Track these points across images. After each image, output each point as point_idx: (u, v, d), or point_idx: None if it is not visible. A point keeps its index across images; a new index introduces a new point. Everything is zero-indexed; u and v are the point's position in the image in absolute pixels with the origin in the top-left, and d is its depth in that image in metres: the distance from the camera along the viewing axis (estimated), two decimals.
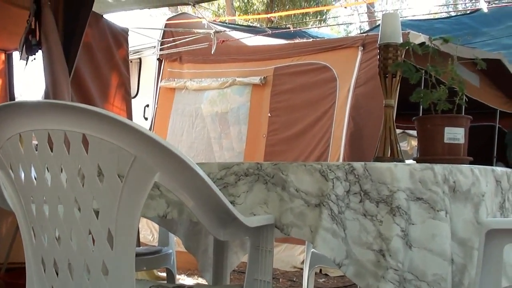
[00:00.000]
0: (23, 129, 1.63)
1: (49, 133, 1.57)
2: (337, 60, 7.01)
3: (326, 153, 6.74)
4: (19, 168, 1.72)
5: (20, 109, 1.61)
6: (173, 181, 1.53)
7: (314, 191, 1.90)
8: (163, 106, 8.47)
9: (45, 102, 1.56)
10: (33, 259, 1.75)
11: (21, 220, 1.78)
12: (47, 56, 4.41)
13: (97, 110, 1.45)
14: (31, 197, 1.72)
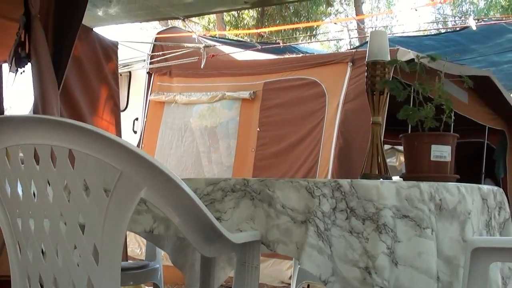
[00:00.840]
0: (9, 144, 1.63)
1: (35, 148, 1.57)
2: (326, 75, 7.02)
3: (315, 168, 6.74)
4: (5, 182, 1.71)
5: (7, 123, 1.61)
6: (159, 197, 1.53)
7: (301, 207, 1.90)
8: (153, 119, 8.46)
9: (32, 117, 1.56)
10: (18, 273, 1.75)
11: (6, 234, 1.78)
12: (37, 68, 4.41)
13: (83, 126, 1.45)
14: (17, 211, 1.72)
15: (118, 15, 6.60)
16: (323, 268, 1.87)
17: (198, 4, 6.20)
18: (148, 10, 6.42)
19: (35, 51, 4.43)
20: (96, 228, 1.51)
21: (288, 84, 7.25)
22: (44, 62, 4.45)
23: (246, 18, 23.33)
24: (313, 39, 18.54)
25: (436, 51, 6.58)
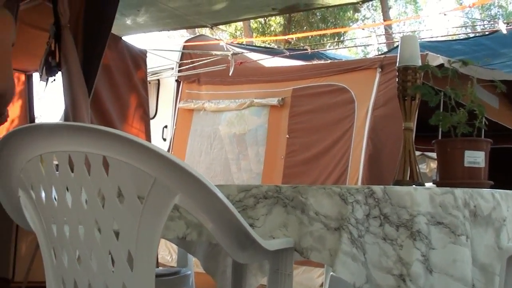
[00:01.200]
0: (44, 151, 1.64)
1: (69, 155, 1.58)
2: (355, 81, 7.00)
3: (344, 175, 6.72)
4: (40, 189, 1.73)
5: (42, 131, 1.62)
6: (193, 203, 1.53)
7: (334, 214, 1.89)
8: (182, 127, 8.50)
9: (66, 125, 1.57)
10: (53, 279, 1.76)
11: (42, 240, 1.79)
12: (67, 77, 4.45)
13: (117, 133, 1.46)
14: (52, 217, 1.73)
15: (146, 23, 6.65)
16: (357, 275, 1.86)
17: (225, 11, 6.22)
18: (176, 19, 6.46)
19: (65, 60, 4.47)
20: (130, 234, 1.52)
21: (317, 91, 7.24)
22: (74, 71, 4.49)
23: (273, 25, 23.36)
24: (341, 45, 18.50)
25: (465, 55, 6.53)
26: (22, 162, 1.72)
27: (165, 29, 7.50)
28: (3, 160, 1.77)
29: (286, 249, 1.89)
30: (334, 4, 5.95)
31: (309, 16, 22.37)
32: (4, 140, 1.71)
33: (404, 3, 30.54)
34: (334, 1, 5.75)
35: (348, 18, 25.18)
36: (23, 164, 1.72)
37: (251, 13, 6.64)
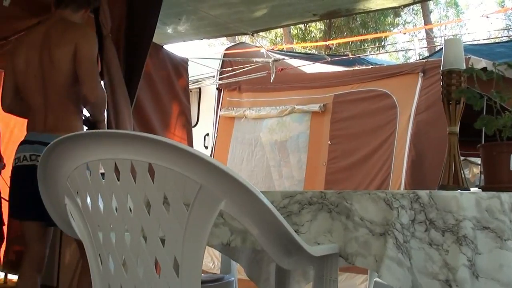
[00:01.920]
0: (90, 159, 1.66)
1: (115, 162, 1.60)
2: (397, 86, 6.96)
3: (387, 181, 6.68)
4: (86, 196, 1.75)
5: (88, 139, 1.64)
6: (239, 209, 1.53)
7: (379, 220, 1.88)
8: (223, 134, 8.53)
9: (112, 132, 1.59)
10: (100, 285, 1.77)
11: (88, 247, 1.81)
12: (109, 86, 4.49)
13: (163, 140, 1.47)
14: (98, 225, 1.75)
15: (187, 32, 6.68)
16: (403, 281, 1.84)
17: (266, 18, 6.23)
18: (217, 27, 6.49)
19: (107, 70, 4.52)
20: (176, 241, 1.52)
21: (359, 96, 7.22)
22: (117, 80, 4.54)
23: (313, 31, 23.34)
24: (382, 50, 18.41)
25: (508, 58, 6.44)
26: (69, 170, 1.74)
27: (205, 37, 7.54)
28: (50, 169, 1.80)
29: (331, 255, 1.89)
30: (375, 8, 5.91)
31: (350, 22, 22.32)
32: (50, 149, 1.74)
33: (445, 6, 30.26)
34: (376, 6, 5.71)
35: (388, 23, 25.05)
36: (70, 172, 1.74)
37: (291, 20, 6.64)
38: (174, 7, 5.74)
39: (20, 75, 3.91)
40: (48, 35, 3.86)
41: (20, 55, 3.91)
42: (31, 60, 3.86)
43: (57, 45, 3.78)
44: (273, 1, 5.66)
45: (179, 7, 5.83)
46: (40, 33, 3.90)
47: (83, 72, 3.74)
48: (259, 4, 5.82)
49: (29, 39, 3.95)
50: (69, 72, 3.77)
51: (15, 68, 3.92)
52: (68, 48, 3.74)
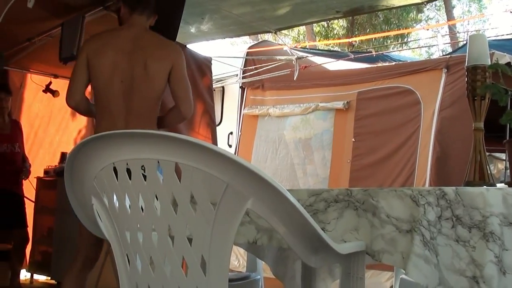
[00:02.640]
0: (116, 159, 1.67)
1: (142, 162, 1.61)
2: (421, 83, 6.93)
3: (411, 177, 6.66)
4: (113, 196, 1.76)
5: (114, 139, 1.65)
6: (265, 208, 1.53)
7: (405, 216, 1.87)
8: (247, 133, 8.54)
9: (139, 132, 1.59)
10: (127, 284, 1.79)
11: (115, 247, 1.82)
12: None
13: (190, 139, 1.47)
14: (125, 224, 1.76)
15: (210, 31, 6.70)
16: (430, 278, 1.84)
17: (289, 16, 6.23)
18: (240, 25, 6.50)
19: None
20: (203, 240, 1.53)
21: (382, 93, 7.20)
22: None
23: (336, 28, 23.29)
24: (404, 47, 18.30)
25: None
26: (95, 171, 1.75)
27: (228, 36, 7.55)
28: (77, 169, 1.81)
29: (357, 253, 1.88)
30: (398, 5, 5.89)
31: (372, 18, 22.22)
32: (77, 149, 1.75)
33: (467, 1, 30.03)
34: (399, 2, 5.69)
35: (411, 19, 24.92)
36: (96, 172, 1.75)
37: (314, 17, 6.63)
38: (197, 7, 5.76)
39: (103, 77, 4.01)
40: (139, 44, 4.07)
41: (107, 57, 4.01)
42: (119, 65, 4.00)
43: (154, 58, 4.03)
44: None
45: (202, 6, 5.84)
46: (128, 39, 4.07)
47: (181, 90, 4.08)
48: (282, 2, 5.82)
49: (117, 43, 4.07)
50: (162, 85, 4.05)
51: (99, 68, 4.01)
52: (166, 64, 4.03)
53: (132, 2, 4.19)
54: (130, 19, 4.19)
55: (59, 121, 8.09)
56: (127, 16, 4.21)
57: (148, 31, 4.23)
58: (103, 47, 4.06)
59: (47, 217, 7.02)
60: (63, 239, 6.41)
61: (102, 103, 4.06)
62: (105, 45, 4.07)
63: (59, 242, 6.57)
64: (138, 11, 4.18)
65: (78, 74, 4.07)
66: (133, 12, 4.17)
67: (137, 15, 4.17)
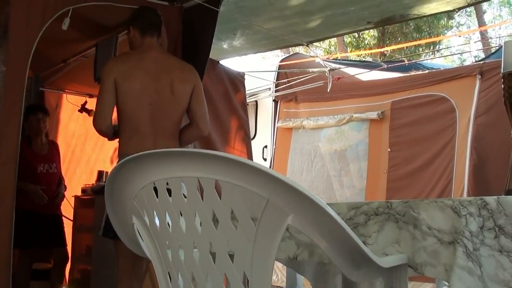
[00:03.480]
0: (157, 178, 1.68)
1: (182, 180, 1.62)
2: (455, 90, 6.88)
3: (449, 186, 6.60)
4: (153, 215, 1.77)
5: (154, 158, 1.66)
6: (306, 223, 1.53)
7: (447, 228, 1.86)
8: (281, 146, 8.54)
9: (179, 151, 1.60)
10: None
11: (157, 265, 1.83)
12: None
13: (229, 157, 1.48)
14: (166, 243, 1.77)
15: (242, 46, 6.74)
16: None
17: (320, 28, 6.24)
18: (272, 39, 6.52)
19: None
20: (245, 256, 1.53)
21: (416, 102, 7.16)
22: None
23: (367, 38, 23.23)
24: (437, 54, 18.19)
25: None
26: (136, 190, 1.76)
27: (260, 51, 7.60)
28: (117, 189, 1.83)
29: (400, 266, 1.87)
30: (430, 13, 5.87)
31: (403, 27, 22.12)
32: (117, 169, 1.77)
33: (498, 6, 29.74)
34: (430, 10, 5.68)
35: (442, 25, 24.76)
36: (137, 191, 1.77)
37: (346, 28, 6.64)
38: (229, 23, 5.79)
39: (132, 99, 4.17)
40: (164, 67, 4.29)
41: (135, 80, 4.18)
42: (147, 87, 4.18)
43: (179, 80, 4.29)
44: (327, 11, 5.67)
45: (233, 22, 5.88)
46: (153, 62, 4.27)
47: (201, 109, 4.39)
48: (313, 14, 5.83)
49: (143, 66, 4.24)
50: (186, 106, 4.32)
51: (129, 92, 4.16)
52: (189, 86, 4.32)
53: (143, 26, 4.38)
54: (143, 42, 4.36)
55: (95, 140, 8.16)
56: (138, 39, 4.38)
57: (168, 54, 4.51)
58: (132, 70, 4.19)
59: (85, 236, 7.07)
60: (102, 257, 6.44)
61: (130, 124, 4.19)
62: (133, 68, 4.21)
63: (98, 260, 6.60)
64: (150, 33, 4.37)
65: (106, 98, 4.18)
66: (144, 35, 4.36)
67: (149, 38, 4.36)
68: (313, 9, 5.64)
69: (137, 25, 4.39)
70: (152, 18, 4.44)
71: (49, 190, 6.23)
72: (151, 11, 4.55)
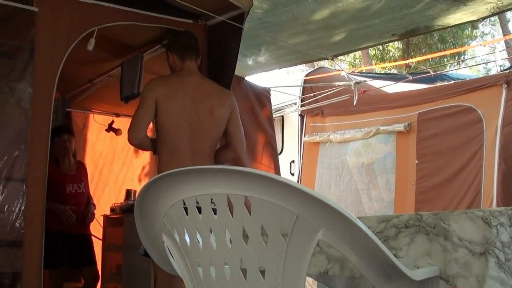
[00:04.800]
0: (186, 195, 1.69)
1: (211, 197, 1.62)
2: (481, 100, 6.82)
3: (478, 197, 6.53)
4: (184, 232, 1.77)
5: (184, 176, 1.67)
6: (337, 237, 1.53)
7: (478, 239, 1.85)
8: (309, 160, 8.52)
9: (208, 168, 1.62)
10: None
11: (188, 283, 1.84)
12: None
13: (259, 173, 1.49)
14: (197, 260, 1.77)
15: (267, 62, 6.76)
16: None
17: (345, 42, 6.24)
18: (297, 54, 6.54)
19: None
20: (276, 272, 1.53)
21: (443, 113, 7.11)
22: None
23: (391, 50, 23.15)
24: (462, 64, 18.07)
25: None
26: (165, 208, 1.78)
27: (285, 66, 7.61)
28: (147, 207, 1.84)
29: (432, 278, 1.86)
30: (454, 24, 5.85)
31: (428, 38, 22.01)
32: (146, 188, 1.78)
33: None
34: (454, 21, 5.66)
35: (466, 35, 24.62)
36: (166, 210, 1.78)
37: (370, 41, 6.63)
38: (254, 39, 5.82)
39: (172, 120, 4.32)
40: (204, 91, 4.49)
41: (176, 102, 4.34)
42: (187, 110, 4.35)
43: (218, 105, 4.47)
44: (351, 25, 5.68)
45: (258, 38, 5.90)
46: (193, 86, 4.44)
47: (238, 132, 4.59)
48: (337, 28, 5.84)
49: (184, 90, 4.40)
50: (223, 128, 4.52)
51: (170, 112, 4.31)
52: (227, 110, 4.50)
53: (181, 50, 4.52)
54: (183, 66, 4.51)
55: (123, 159, 8.21)
56: (178, 63, 4.53)
57: (207, 79, 4.66)
58: (174, 93, 4.34)
59: (115, 254, 7.09)
60: (131, 275, 6.47)
61: (169, 144, 4.33)
62: (175, 91, 4.35)
63: (128, 278, 6.62)
64: (189, 57, 4.52)
65: (143, 114, 4.30)
66: (184, 60, 4.51)
67: (188, 61, 4.51)
68: (337, 23, 5.65)
69: (175, 50, 4.54)
70: (189, 41, 4.59)
71: (78, 210, 6.25)
72: (187, 35, 4.70)
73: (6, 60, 4.65)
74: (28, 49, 4.47)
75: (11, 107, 4.47)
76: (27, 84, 4.39)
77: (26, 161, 4.29)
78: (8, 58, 4.64)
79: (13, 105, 4.45)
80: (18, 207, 4.24)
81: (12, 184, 4.29)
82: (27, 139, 4.32)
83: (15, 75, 4.49)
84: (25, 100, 4.38)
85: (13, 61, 4.55)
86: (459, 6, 5.17)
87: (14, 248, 4.29)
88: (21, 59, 4.51)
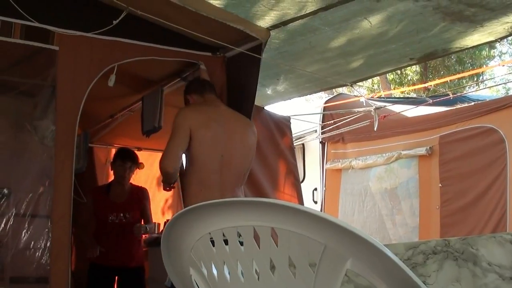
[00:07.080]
0: (213, 228, 1.69)
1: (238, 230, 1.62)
2: (502, 120, 6.80)
3: (504, 218, 6.48)
4: (211, 266, 1.77)
5: (210, 209, 1.67)
6: (365, 266, 1.52)
7: (508, 263, 1.83)
8: (331, 187, 8.51)
9: (234, 201, 1.62)
10: None
11: None
12: None
13: (285, 204, 1.48)
14: None
15: (286, 91, 6.77)
16: None
17: (363, 68, 6.24)
18: (315, 82, 6.54)
19: None
20: None
21: (465, 135, 7.10)
22: None
23: (409, 74, 23.11)
24: (481, 85, 18.00)
25: None
26: (192, 241, 1.77)
27: (304, 94, 7.61)
28: (173, 241, 1.84)
29: None
30: (472, 45, 5.84)
31: (445, 60, 21.97)
32: (172, 222, 1.78)
33: None
34: (472, 42, 5.65)
35: (484, 56, 24.53)
36: (193, 243, 1.77)
37: (388, 66, 6.63)
38: (272, 69, 5.84)
39: (205, 149, 4.32)
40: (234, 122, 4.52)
41: (211, 130, 4.35)
42: (220, 140, 4.35)
43: (248, 136, 4.56)
44: (369, 51, 5.68)
45: (276, 68, 5.92)
46: (224, 117, 4.49)
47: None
48: (355, 55, 5.84)
49: (217, 119, 4.42)
50: (252, 159, 4.61)
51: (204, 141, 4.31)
52: (254, 140, 4.59)
53: (199, 88, 4.65)
54: (205, 99, 4.58)
55: None
56: (200, 100, 4.59)
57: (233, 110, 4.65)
58: (208, 122, 4.35)
59: None
60: None
61: (200, 175, 4.30)
62: (208, 119, 4.37)
63: None
64: (207, 91, 4.61)
65: (179, 143, 4.27)
66: (203, 94, 4.59)
67: (208, 94, 4.59)
68: (354, 49, 5.66)
69: (192, 91, 4.64)
70: (202, 80, 4.75)
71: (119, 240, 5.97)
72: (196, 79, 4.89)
73: (28, 99, 4.70)
74: (49, 87, 4.51)
75: (34, 144, 4.49)
76: (49, 121, 4.42)
77: (50, 198, 4.32)
78: (30, 97, 4.68)
79: (36, 143, 4.48)
80: (43, 243, 4.26)
81: (37, 220, 4.32)
82: (51, 176, 4.35)
83: (38, 113, 4.52)
84: (48, 138, 4.41)
85: (35, 100, 4.59)
86: (476, 28, 5.16)
87: (41, 284, 4.30)
88: (43, 97, 4.55)
